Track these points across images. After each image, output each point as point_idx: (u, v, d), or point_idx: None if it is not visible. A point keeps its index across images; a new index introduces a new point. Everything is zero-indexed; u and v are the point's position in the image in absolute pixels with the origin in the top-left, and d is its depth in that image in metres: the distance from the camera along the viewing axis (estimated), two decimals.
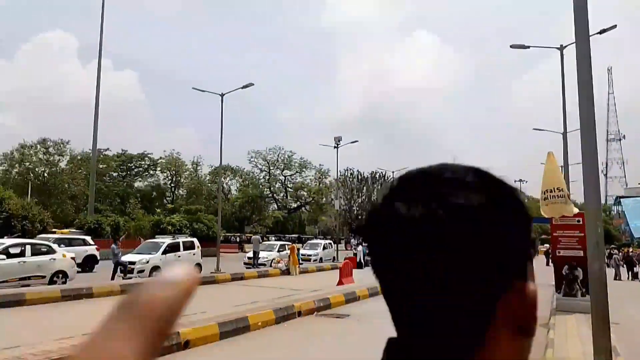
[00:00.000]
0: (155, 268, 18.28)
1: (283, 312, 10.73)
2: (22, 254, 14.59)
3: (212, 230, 38.25)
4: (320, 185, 74.56)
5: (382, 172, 71.38)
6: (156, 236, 23.28)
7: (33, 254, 14.80)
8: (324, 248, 31.06)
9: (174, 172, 66.88)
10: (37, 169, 51.37)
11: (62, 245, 19.55)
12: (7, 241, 15.35)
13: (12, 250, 14.39)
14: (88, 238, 22.80)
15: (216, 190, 68.59)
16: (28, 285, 14.01)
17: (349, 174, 74.00)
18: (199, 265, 20.81)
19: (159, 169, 66.83)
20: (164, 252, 18.98)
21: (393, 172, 48.30)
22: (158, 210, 48.85)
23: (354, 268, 19.95)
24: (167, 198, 66.83)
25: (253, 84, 21.15)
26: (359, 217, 73.86)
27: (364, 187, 75.02)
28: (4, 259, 13.92)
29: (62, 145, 52.52)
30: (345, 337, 9.77)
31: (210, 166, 70.45)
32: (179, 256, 19.68)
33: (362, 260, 28.64)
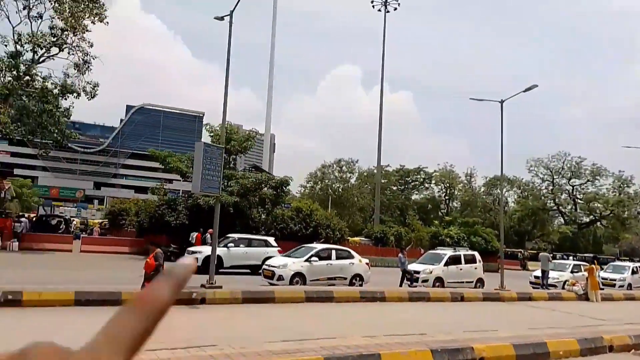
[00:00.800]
0: (438, 279, 18.72)
1: (589, 343, 9.32)
2: (328, 257, 17.26)
3: (491, 245, 36.75)
4: (621, 195, 62.33)
5: None
6: (437, 248, 23.87)
7: (337, 258, 17.32)
8: (634, 272, 25.67)
9: (447, 184, 67.64)
10: (333, 185, 60.45)
11: (241, 245, 20.52)
12: (318, 246, 18.45)
13: (321, 254, 17.21)
14: (271, 240, 21.87)
15: (491, 202, 65.87)
16: (333, 285, 16.42)
17: None
18: (480, 280, 20.27)
19: (433, 182, 68.80)
20: (446, 264, 19.27)
21: None
22: (436, 222, 50.15)
23: None
24: (442, 210, 67.98)
25: (537, 86, 19.42)
26: None
27: None
28: (317, 261, 16.75)
29: (352, 164, 60.63)
30: None
31: (484, 177, 68.32)
32: (461, 269, 19.64)
33: None
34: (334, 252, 17.61)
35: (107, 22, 27.29)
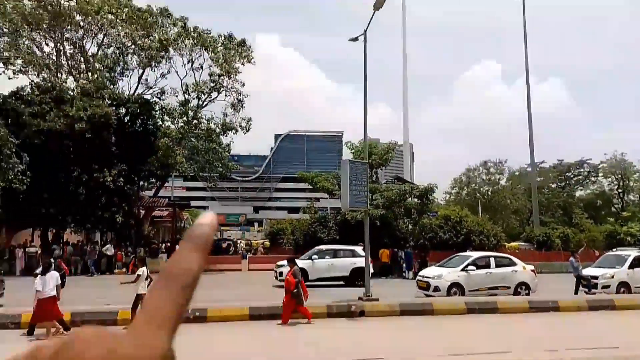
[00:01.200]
0: (623, 284, 16.27)
1: None
2: (487, 265, 16.26)
3: None
4: None
5: None
6: (616, 249, 20.79)
7: (497, 266, 16.22)
8: None
9: (619, 175, 58.82)
10: (481, 189, 57.06)
11: (326, 257, 19.79)
12: (474, 254, 17.53)
13: (478, 263, 16.30)
14: (359, 249, 19.74)
15: None
16: (495, 295, 15.38)
17: None
18: None
19: (600, 174, 60.50)
20: (631, 266, 16.67)
21: None
22: (610, 219, 43.85)
23: None
24: (616, 205, 59.21)
25: None
26: None
27: None
28: (474, 270, 15.91)
29: (500, 164, 56.58)
30: None
31: None
32: None
33: None
34: (492, 259, 16.54)
35: (254, 62, 30.41)
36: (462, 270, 15.80)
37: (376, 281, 20.13)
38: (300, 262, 19.63)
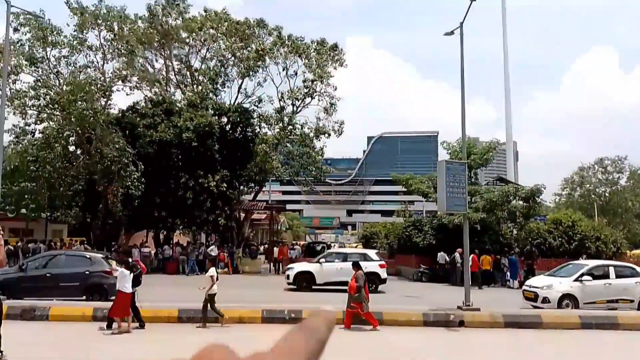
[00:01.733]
0: None
1: None
2: (605, 275, 14.55)
3: None
4: None
5: None
6: None
7: (617, 276, 14.45)
8: None
9: None
10: (597, 190, 51.60)
11: (336, 260, 18.72)
12: (590, 262, 15.79)
13: (595, 272, 14.65)
14: (371, 253, 19.82)
15: None
16: (615, 309, 13.71)
17: None
18: None
19: None
20: None
21: None
22: None
23: None
24: None
25: None
26: None
27: None
28: (590, 280, 14.31)
29: (619, 161, 50.65)
30: None
31: None
32: None
33: None
34: (612, 269, 14.77)
35: (346, 65, 30.60)
36: (576, 280, 14.29)
37: (477, 290, 19.04)
38: (309, 266, 19.14)
